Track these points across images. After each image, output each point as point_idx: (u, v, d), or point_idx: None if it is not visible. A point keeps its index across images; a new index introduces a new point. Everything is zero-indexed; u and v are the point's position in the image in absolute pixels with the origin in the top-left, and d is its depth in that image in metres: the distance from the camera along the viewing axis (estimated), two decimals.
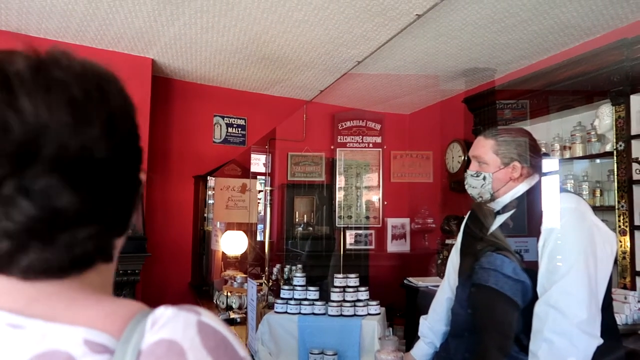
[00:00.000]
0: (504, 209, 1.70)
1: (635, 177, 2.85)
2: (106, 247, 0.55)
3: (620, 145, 2.92)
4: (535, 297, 1.54)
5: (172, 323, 0.48)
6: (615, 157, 2.95)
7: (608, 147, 3.08)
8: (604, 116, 3.09)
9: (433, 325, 1.95)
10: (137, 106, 0.59)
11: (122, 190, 0.55)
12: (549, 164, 3.70)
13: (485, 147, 1.70)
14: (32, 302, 0.50)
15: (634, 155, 2.86)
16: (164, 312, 0.49)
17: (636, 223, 2.84)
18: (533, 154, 1.69)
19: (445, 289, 1.97)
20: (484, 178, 1.68)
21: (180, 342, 0.46)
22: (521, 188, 1.67)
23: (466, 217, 1.96)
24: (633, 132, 2.90)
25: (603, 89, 3.03)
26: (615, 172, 2.95)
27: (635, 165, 2.83)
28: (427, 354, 1.93)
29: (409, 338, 4.21)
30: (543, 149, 3.61)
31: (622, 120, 2.94)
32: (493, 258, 1.72)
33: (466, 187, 1.77)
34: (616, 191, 2.94)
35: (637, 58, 2.83)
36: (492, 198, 1.70)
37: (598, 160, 3.29)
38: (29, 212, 0.47)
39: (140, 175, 0.59)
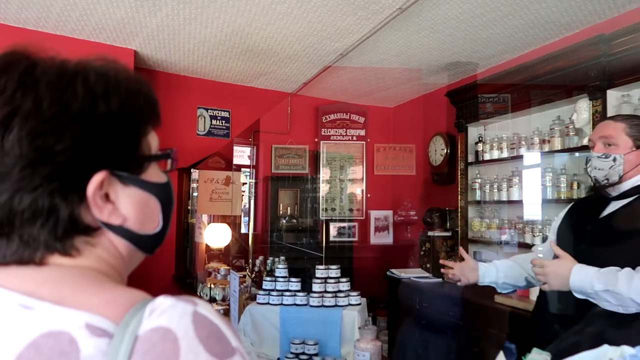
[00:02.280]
0: (622, 195, 1.67)
1: None
2: (38, 245, 0.57)
3: None
4: None
5: (169, 312, 0.50)
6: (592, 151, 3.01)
7: (585, 141, 3.14)
8: (582, 110, 3.15)
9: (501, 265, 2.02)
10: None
11: (36, 192, 0.55)
12: (533, 157, 3.72)
13: (616, 129, 1.67)
14: (40, 286, 0.54)
15: None
16: (163, 302, 0.51)
17: None
18: None
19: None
20: (614, 159, 1.64)
21: (175, 330, 0.49)
22: None
23: (565, 210, 1.93)
24: None
25: (581, 83, 3.09)
26: None
27: None
28: (486, 269, 1.99)
29: (392, 329, 4.28)
30: (523, 142, 3.68)
31: (599, 115, 2.99)
32: None
33: (588, 169, 1.73)
34: (593, 184, 3.00)
35: (614, 54, 2.88)
36: (619, 181, 1.66)
37: (577, 154, 3.35)
38: None
39: (96, 172, 0.57)
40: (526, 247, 3.45)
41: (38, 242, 0.57)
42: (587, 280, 1.51)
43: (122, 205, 0.61)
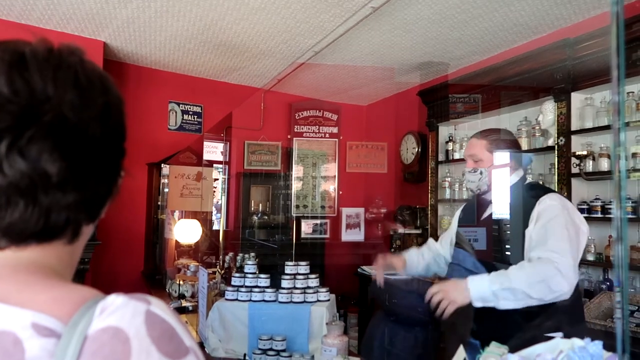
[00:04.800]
0: None
1: (574, 170, 3.01)
2: (77, 223, 0.58)
3: (561, 140, 3.08)
4: None
5: (120, 311, 0.49)
6: (556, 151, 3.10)
7: (550, 142, 3.23)
8: (547, 112, 3.24)
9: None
10: None
11: (105, 172, 0.60)
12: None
13: (479, 147, 1.95)
14: None
15: (573, 150, 3.02)
16: (115, 300, 0.50)
17: None
18: (517, 150, 1.98)
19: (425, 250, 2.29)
20: (481, 173, 1.92)
21: (126, 330, 0.47)
22: (510, 180, 1.92)
23: (459, 209, 2.19)
24: (573, 128, 3.06)
25: (547, 86, 3.17)
26: (556, 166, 3.10)
27: (573, 160, 2.99)
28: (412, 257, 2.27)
29: (362, 325, 4.31)
30: None
31: (563, 117, 3.09)
32: (457, 253, 1.99)
33: (465, 183, 2.04)
34: (556, 184, 3.09)
35: (579, 57, 2.97)
36: (488, 189, 1.94)
37: (543, 154, 3.44)
38: (20, 168, 0.52)
39: (121, 170, 0.64)
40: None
41: (75, 225, 0.58)
42: (483, 285, 1.66)
43: None
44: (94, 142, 0.57)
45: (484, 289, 1.65)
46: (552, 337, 1.55)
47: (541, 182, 3.31)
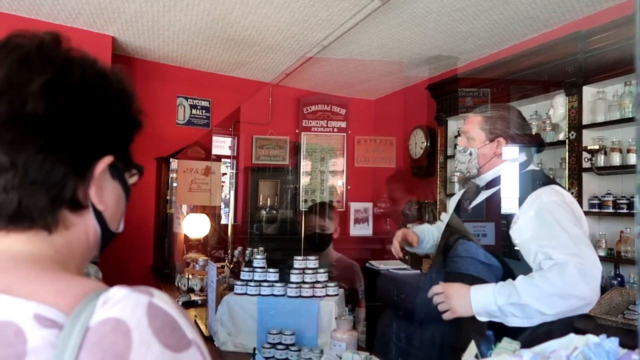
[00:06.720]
0: (488, 185, 1.74)
1: (585, 165, 2.97)
2: (38, 207, 0.57)
3: (572, 135, 3.04)
4: (503, 278, 1.60)
5: (122, 302, 0.49)
6: (567, 146, 3.07)
7: (561, 136, 3.20)
8: (558, 106, 3.20)
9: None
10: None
11: (57, 152, 0.57)
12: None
13: (472, 123, 1.73)
14: None
15: (584, 144, 2.98)
16: (117, 292, 0.50)
17: (584, 209, 2.97)
18: (520, 132, 1.71)
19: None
20: (470, 153, 1.72)
21: (127, 321, 0.48)
22: (500, 167, 1.70)
23: (460, 194, 2.00)
24: (584, 122, 3.02)
25: (558, 79, 3.14)
26: (567, 160, 3.07)
27: (585, 154, 2.96)
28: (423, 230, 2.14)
29: (371, 320, 4.31)
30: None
31: (574, 111, 3.05)
32: (468, 246, 1.80)
33: (456, 163, 1.82)
34: (567, 178, 3.06)
35: (590, 50, 2.93)
36: (478, 173, 1.74)
37: (553, 149, 3.41)
38: None
39: (95, 154, 0.61)
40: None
41: (34, 207, 0.56)
42: (487, 297, 1.48)
43: (106, 194, 0.64)
44: (34, 120, 0.55)
45: (489, 303, 1.48)
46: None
47: (552, 177, 3.28)
